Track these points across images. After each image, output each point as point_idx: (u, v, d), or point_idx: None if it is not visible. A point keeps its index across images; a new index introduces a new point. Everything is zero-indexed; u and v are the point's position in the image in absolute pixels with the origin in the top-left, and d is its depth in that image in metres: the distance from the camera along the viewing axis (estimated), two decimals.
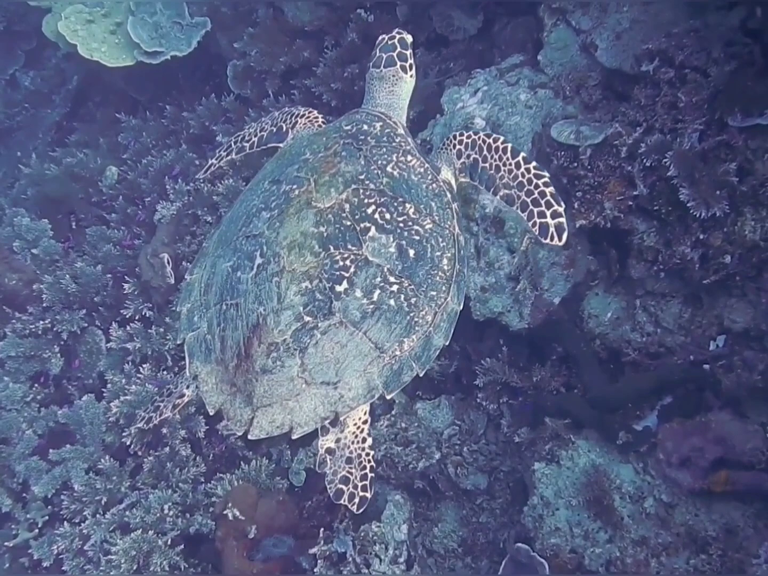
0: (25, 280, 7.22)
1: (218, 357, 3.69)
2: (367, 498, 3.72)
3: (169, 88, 8.72)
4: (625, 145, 5.17)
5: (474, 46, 6.94)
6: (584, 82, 5.74)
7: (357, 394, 3.57)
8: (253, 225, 3.79)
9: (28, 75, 10.40)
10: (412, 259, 3.65)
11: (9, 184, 9.84)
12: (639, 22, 5.57)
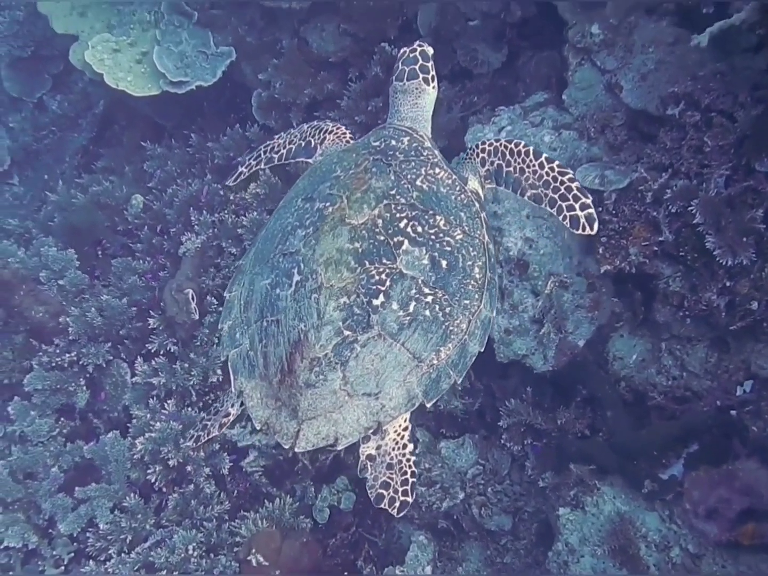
0: (51, 313, 7.24)
1: (262, 373, 3.78)
2: (408, 502, 3.78)
3: (194, 115, 8.73)
4: (651, 191, 5.15)
5: (498, 80, 6.92)
6: (609, 122, 5.72)
7: (398, 404, 3.67)
8: (289, 243, 3.88)
9: (55, 99, 10.45)
10: (444, 269, 3.75)
11: (36, 207, 9.90)
12: (664, 64, 5.54)
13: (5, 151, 10.54)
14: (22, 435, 6.94)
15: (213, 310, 6.79)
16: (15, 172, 10.65)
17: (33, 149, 10.49)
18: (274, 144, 4.88)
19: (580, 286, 5.54)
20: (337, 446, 3.66)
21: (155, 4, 8.48)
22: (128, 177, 8.67)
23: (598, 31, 5.82)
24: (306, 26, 7.93)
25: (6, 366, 7.35)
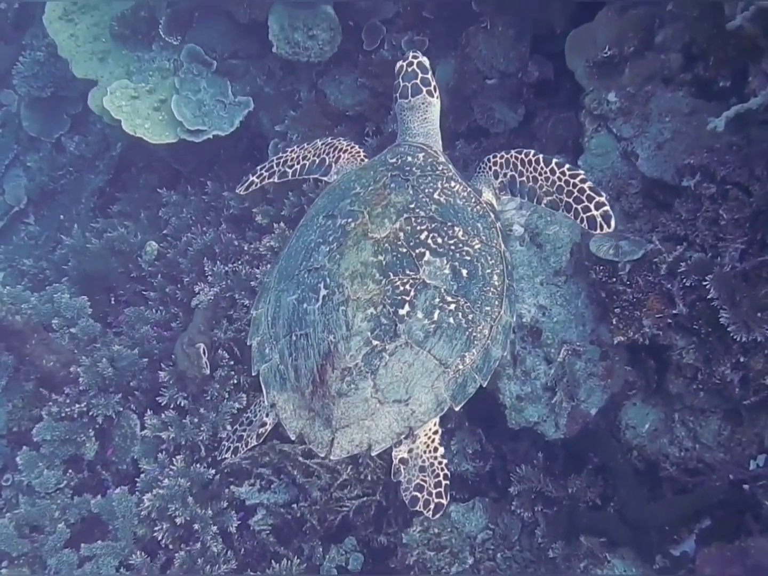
0: (62, 362, 7.23)
1: (294, 385, 3.90)
2: (443, 504, 3.88)
3: (210, 162, 8.76)
4: (665, 263, 5.11)
5: (515, 140, 6.91)
6: (624, 189, 5.70)
7: (427, 409, 3.79)
8: (314, 259, 4.00)
9: (73, 140, 10.50)
10: (465, 278, 3.87)
11: (51, 248, 9.94)
12: (681, 134, 5.52)
13: (22, 190, 10.61)
14: (30, 485, 6.87)
15: (224, 364, 6.76)
16: (31, 212, 10.72)
17: (49, 189, 10.54)
18: (287, 157, 4.94)
19: (593, 354, 5.50)
20: (371, 452, 3.77)
21: (175, 51, 8.49)
22: (143, 223, 8.69)
23: (615, 99, 5.82)
24: (324, 78, 7.98)
25: (16, 414, 7.34)
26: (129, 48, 8.84)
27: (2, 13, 11.60)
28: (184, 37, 8.49)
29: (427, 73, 4.52)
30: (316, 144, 4.89)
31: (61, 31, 9.07)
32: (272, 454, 6.37)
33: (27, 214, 10.75)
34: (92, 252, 8.34)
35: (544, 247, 5.49)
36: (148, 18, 8.66)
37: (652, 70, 5.70)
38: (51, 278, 9.18)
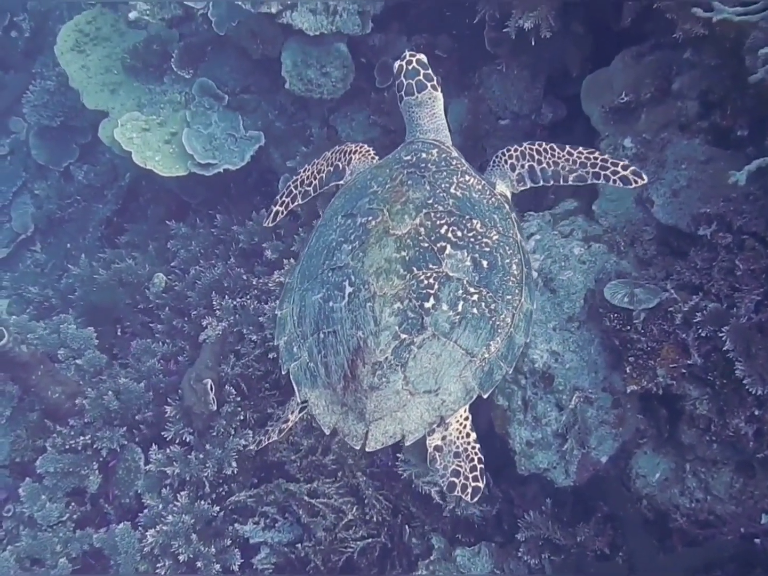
0: (68, 393, 7.20)
1: (324, 381, 4.00)
2: (480, 488, 4.06)
3: (220, 195, 8.75)
4: (680, 312, 5.07)
5: None
6: (639, 236, 5.67)
7: (457, 398, 3.92)
8: (336, 258, 4.10)
9: (81, 169, 10.50)
10: (486, 269, 4.01)
11: (57, 276, 9.92)
12: (697, 181, 5.49)
13: (29, 217, 10.60)
14: (32, 517, 6.82)
15: (231, 400, 6.72)
16: (38, 239, 10.71)
17: (57, 217, 10.53)
18: (302, 177, 5.02)
19: (605, 402, 5.45)
20: (405, 442, 3.88)
21: (187, 85, 8.50)
22: (151, 255, 8.67)
23: (631, 145, 5.81)
24: (336, 114, 8.01)
25: (19, 444, 7.31)
26: (140, 80, 8.86)
27: (13, 41, 11.64)
28: (197, 70, 8.52)
29: (427, 69, 4.64)
30: (326, 155, 4.99)
31: (73, 62, 9.10)
32: (277, 493, 6.32)
33: (34, 242, 10.73)
34: (99, 283, 8.33)
35: (558, 292, 5.46)
36: (161, 51, 8.69)
37: (668, 117, 5.69)
38: (56, 307, 9.16)
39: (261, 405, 6.93)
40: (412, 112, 4.66)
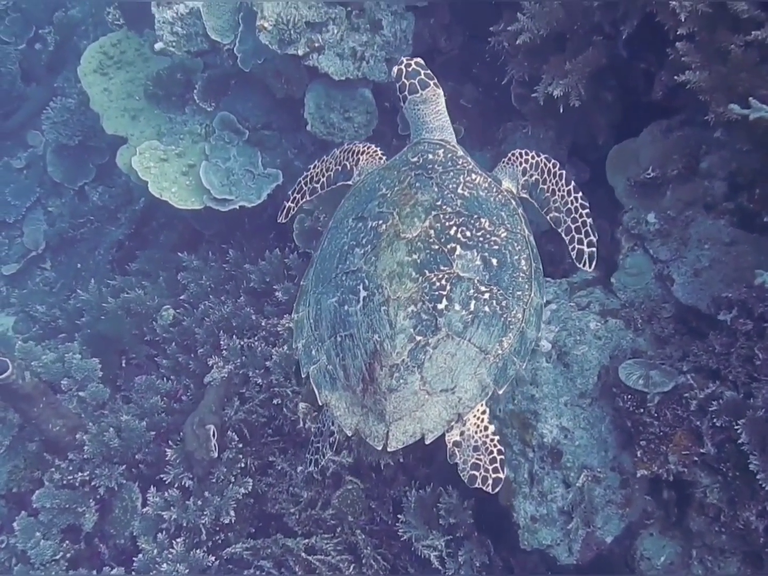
0: (69, 427, 7.13)
1: (344, 384, 4.02)
2: (500, 479, 4.09)
3: (233, 228, 8.67)
4: (696, 399, 4.97)
5: (546, 244, 6.78)
6: (657, 313, 5.58)
7: (473, 395, 3.96)
8: (350, 261, 4.13)
9: (96, 190, 10.49)
10: (495, 267, 4.04)
11: (65, 296, 9.86)
12: (719, 263, 5.40)
13: (41, 234, 10.59)
14: (25, 552, 6.74)
15: (233, 446, 6.63)
16: (48, 257, 10.67)
17: (69, 236, 10.52)
18: (311, 174, 5.04)
19: (613, 482, 5.36)
20: (426, 441, 3.92)
21: (208, 117, 8.44)
22: (161, 286, 8.58)
23: (655, 221, 5.72)
24: None
25: (17, 475, 7.26)
26: (162, 108, 8.81)
27: (36, 54, 11.62)
28: (219, 103, 8.47)
29: (427, 70, 4.65)
30: (335, 153, 5.00)
31: (95, 84, 9.06)
32: (275, 548, 6.24)
33: (44, 260, 10.70)
34: (107, 311, 8.25)
35: (572, 367, 5.37)
36: (184, 80, 8.64)
37: (694, 195, 5.60)
38: (63, 328, 9.11)
39: (263, 452, 6.86)
40: (418, 110, 4.65)
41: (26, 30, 11.86)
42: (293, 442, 6.87)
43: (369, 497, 6.47)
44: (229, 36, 7.78)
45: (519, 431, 5.51)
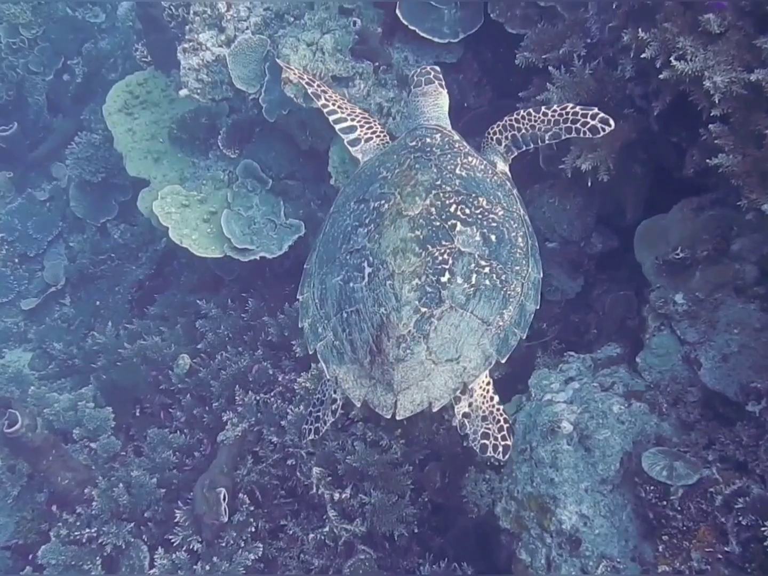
0: (78, 480, 7.03)
1: (351, 357, 4.17)
2: (509, 445, 4.34)
3: (254, 275, 8.55)
4: (721, 494, 4.79)
5: (570, 312, 6.66)
6: (683, 396, 5.42)
7: (477, 364, 4.12)
8: (353, 241, 4.27)
9: (118, 228, 10.42)
10: (494, 243, 4.19)
11: (83, 334, 9.79)
12: (749, 349, 5.23)
13: (61, 270, 10.53)
14: None
15: (243, 509, 6.49)
16: (68, 293, 10.57)
17: (89, 273, 10.43)
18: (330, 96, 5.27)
19: (633, 572, 5.17)
20: (432, 409, 4.07)
21: (231, 164, 8.35)
22: (178, 333, 8.46)
23: (683, 301, 5.55)
24: None
25: (24, 526, 7.18)
26: (185, 152, 8.75)
27: (64, 84, 11.60)
28: (242, 150, 8.38)
29: (439, 74, 5.02)
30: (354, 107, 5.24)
31: (120, 124, 9.04)
32: None
33: (63, 295, 10.64)
34: (123, 358, 8.15)
35: (593, 452, 5.21)
36: (208, 125, 8.56)
37: (724, 277, 5.43)
38: (79, 368, 9.05)
39: (274, 513, 6.74)
40: (418, 101, 4.90)
41: (55, 60, 11.85)
42: (306, 504, 6.75)
43: (382, 567, 6.33)
44: (254, 85, 7.67)
45: (537, 515, 5.35)
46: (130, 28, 11.16)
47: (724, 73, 4.82)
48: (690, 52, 4.92)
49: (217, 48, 7.82)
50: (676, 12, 5.07)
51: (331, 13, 7.20)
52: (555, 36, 6.06)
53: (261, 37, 7.59)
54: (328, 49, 7.04)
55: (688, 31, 5.01)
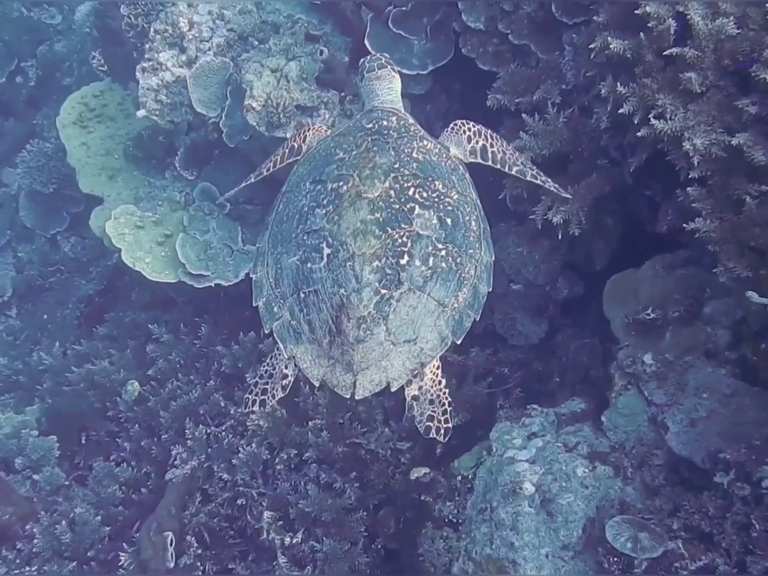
0: (19, 515, 6.77)
1: (309, 337, 4.33)
2: (449, 428, 4.50)
3: (208, 298, 8.27)
4: (686, 570, 4.66)
5: (533, 359, 6.51)
6: (648, 459, 5.28)
7: (434, 345, 4.32)
8: (311, 222, 4.39)
9: (69, 240, 10.13)
10: (450, 226, 4.36)
11: (29, 349, 9.47)
12: (718, 414, 5.10)
13: (8, 281, 10.18)
14: None
15: (191, 552, 6.26)
16: (14, 304, 10.21)
17: (37, 285, 10.11)
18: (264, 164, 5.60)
19: None
20: (391, 389, 4.26)
21: (188, 185, 8.09)
22: (128, 357, 8.16)
23: (651, 362, 5.42)
24: None
25: None
26: (141, 170, 8.46)
27: (17, 87, 11.24)
28: (200, 172, 8.10)
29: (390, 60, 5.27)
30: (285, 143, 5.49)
31: (73, 137, 8.74)
32: None
33: (9, 306, 10.28)
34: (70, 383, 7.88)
35: (555, 517, 5.07)
36: (166, 144, 8.27)
37: (695, 340, 5.30)
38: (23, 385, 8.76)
39: (223, 555, 6.51)
40: (372, 85, 5.07)
41: (8, 62, 11.48)
42: (255, 547, 6.53)
43: None
44: (215, 109, 7.43)
45: None
46: (87, 34, 10.80)
47: (704, 134, 4.70)
48: (670, 110, 4.80)
49: (177, 68, 7.58)
50: (657, 67, 4.93)
51: (298, 39, 6.98)
52: (528, 79, 5.92)
53: (224, 60, 7.34)
54: (293, 77, 6.82)
55: (668, 89, 4.89)
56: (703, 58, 4.74)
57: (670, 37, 4.85)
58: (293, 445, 6.62)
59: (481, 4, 6.38)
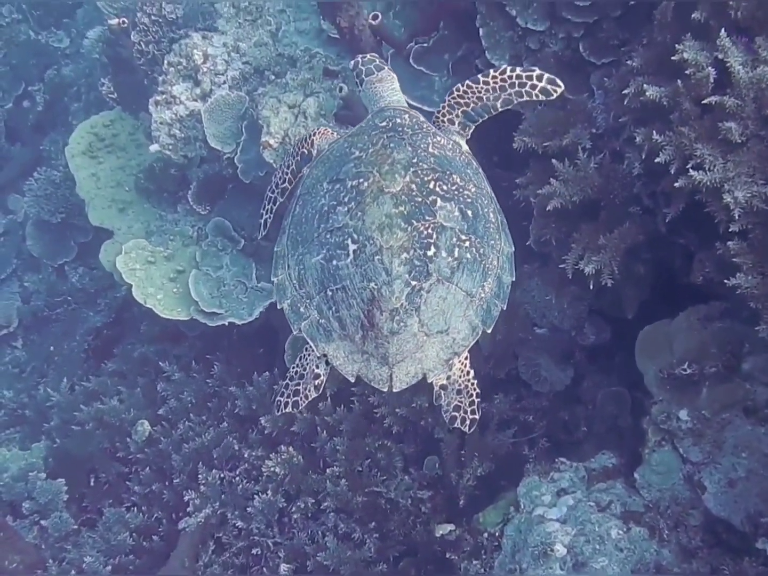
0: (27, 564, 6.59)
1: (340, 334, 4.25)
2: (476, 419, 4.40)
3: (220, 335, 8.07)
4: None
5: (558, 407, 6.31)
6: (684, 519, 5.10)
7: (465, 335, 4.26)
8: (333, 220, 4.28)
9: (77, 271, 9.93)
10: (471, 218, 4.29)
11: (35, 382, 9.28)
12: (757, 475, 4.91)
13: (14, 311, 9.96)
14: None
15: None
16: (20, 335, 10.01)
17: (43, 315, 9.93)
18: (276, 180, 5.24)
19: None
20: (428, 380, 4.22)
21: (201, 219, 7.91)
22: (138, 396, 7.95)
23: (687, 419, 5.22)
24: None
25: None
26: (152, 203, 8.28)
27: (24, 112, 11.08)
28: (214, 207, 7.90)
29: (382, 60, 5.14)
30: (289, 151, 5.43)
31: (83, 168, 8.54)
32: None
33: (15, 337, 10.07)
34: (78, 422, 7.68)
35: None
36: (179, 177, 8.08)
37: (733, 397, 5.10)
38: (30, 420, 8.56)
39: None
40: (375, 88, 4.94)
41: (15, 86, 11.33)
42: None
43: None
44: (230, 144, 7.27)
45: None
46: (96, 59, 10.61)
47: (745, 186, 4.49)
48: (709, 161, 4.59)
49: (191, 102, 7.41)
50: (694, 115, 4.73)
51: (316, 74, 6.83)
52: (556, 121, 5.70)
53: (239, 94, 7.19)
54: (311, 114, 6.66)
55: (707, 138, 4.68)
56: (743, 107, 4.54)
57: (709, 85, 4.64)
58: (310, 493, 6.45)
59: (505, 42, 6.20)
